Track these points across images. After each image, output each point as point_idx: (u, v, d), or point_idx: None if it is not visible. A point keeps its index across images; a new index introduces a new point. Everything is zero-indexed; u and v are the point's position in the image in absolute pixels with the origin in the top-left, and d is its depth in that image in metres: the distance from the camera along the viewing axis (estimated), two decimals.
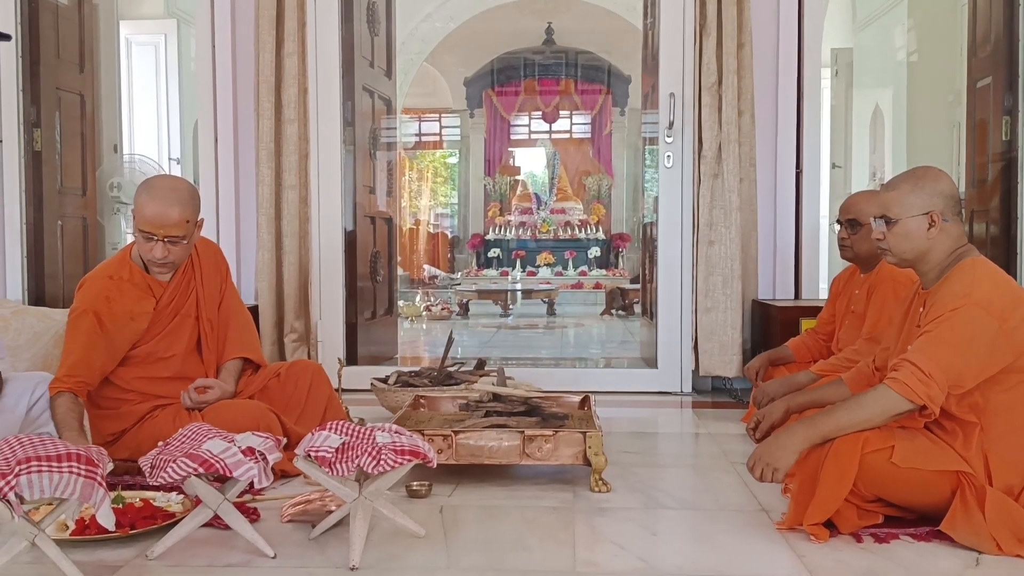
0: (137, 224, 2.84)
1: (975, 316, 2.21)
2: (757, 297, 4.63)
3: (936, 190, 2.35)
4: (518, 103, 14.29)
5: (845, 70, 8.57)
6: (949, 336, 2.21)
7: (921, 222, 2.34)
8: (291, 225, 4.66)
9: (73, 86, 5.34)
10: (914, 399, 2.19)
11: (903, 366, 2.23)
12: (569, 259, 13.11)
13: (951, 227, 2.35)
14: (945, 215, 2.34)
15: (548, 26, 13.27)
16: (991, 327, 2.20)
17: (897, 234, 2.37)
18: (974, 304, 2.21)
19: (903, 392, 2.20)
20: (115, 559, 2.17)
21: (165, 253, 2.85)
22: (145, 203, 2.81)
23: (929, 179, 2.37)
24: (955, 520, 2.20)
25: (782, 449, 2.29)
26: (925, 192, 2.34)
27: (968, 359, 2.21)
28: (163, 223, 2.81)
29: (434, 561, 2.17)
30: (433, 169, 15.59)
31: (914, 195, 2.35)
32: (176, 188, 2.87)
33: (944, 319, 2.23)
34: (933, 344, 2.22)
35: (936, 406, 2.20)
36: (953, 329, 2.21)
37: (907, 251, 2.38)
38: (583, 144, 14.49)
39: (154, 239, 2.83)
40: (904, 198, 2.36)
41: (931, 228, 2.34)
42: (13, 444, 1.89)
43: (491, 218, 14.08)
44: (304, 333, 4.71)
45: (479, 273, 12.96)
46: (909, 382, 2.20)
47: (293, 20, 4.61)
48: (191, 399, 2.94)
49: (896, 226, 2.37)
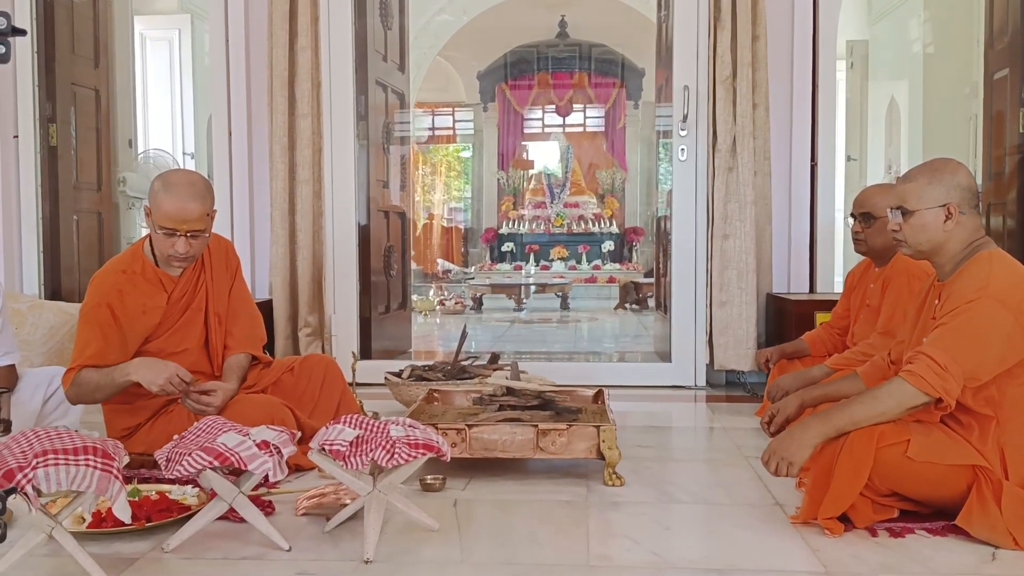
0: (157, 221, 2.82)
1: (991, 309, 2.19)
2: (771, 291, 4.62)
3: (954, 182, 2.33)
4: (531, 97, 14.26)
5: (860, 62, 8.53)
6: (965, 329, 2.20)
7: (938, 214, 2.33)
8: (305, 220, 4.66)
9: (88, 81, 5.36)
10: (930, 392, 2.18)
11: (918, 359, 2.21)
12: (583, 253, 13.09)
13: (968, 219, 2.34)
14: (962, 207, 2.32)
15: (561, 19, 13.24)
16: (1007, 320, 2.19)
17: (913, 226, 2.36)
18: (990, 297, 2.20)
19: (918, 385, 2.19)
20: (131, 552, 2.18)
21: (187, 248, 2.85)
22: (165, 200, 2.80)
23: (947, 171, 2.35)
24: (971, 514, 2.19)
25: (797, 443, 2.28)
26: (943, 184, 2.33)
27: (984, 352, 2.19)
28: (186, 218, 2.81)
29: (448, 555, 2.17)
30: (446, 163, 15.59)
31: (931, 187, 2.34)
32: (193, 183, 2.87)
33: (960, 312, 2.21)
34: (949, 337, 2.21)
35: (952, 399, 2.19)
36: (969, 322, 2.20)
37: (923, 243, 2.37)
38: (597, 138, 14.45)
39: (176, 235, 2.82)
40: (921, 190, 2.34)
41: (948, 220, 2.32)
42: (30, 437, 1.90)
43: (504, 212, 14.07)
44: (318, 327, 4.72)
45: (493, 267, 12.95)
46: (925, 375, 2.18)
47: (306, 15, 4.61)
48: (194, 404, 2.84)
49: (912, 218, 2.35)
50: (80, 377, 2.82)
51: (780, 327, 4.38)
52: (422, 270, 13.48)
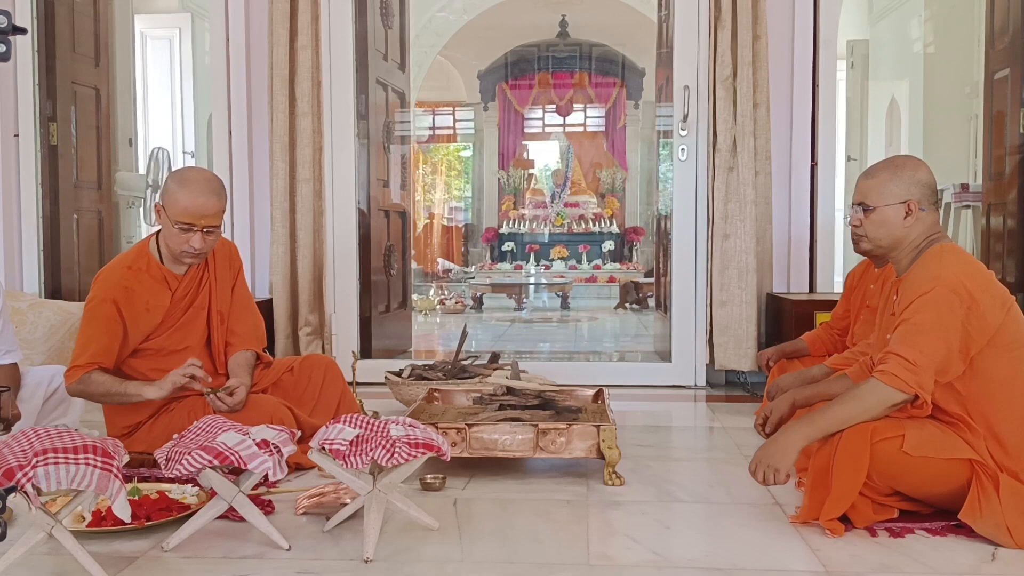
0: (174, 216, 2.83)
1: (945, 298, 2.22)
2: (772, 291, 4.62)
3: (914, 179, 2.39)
4: (532, 96, 14.26)
5: (861, 62, 8.52)
6: (926, 322, 2.22)
7: (898, 210, 2.38)
8: (305, 219, 4.66)
9: (88, 80, 5.36)
10: (905, 389, 2.20)
11: (889, 359, 2.23)
12: (583, 253, 13.10)
13: (927, 216, 2.39)
14: (922, 204, 2.38)
15: (562, 19, 13.23)
16: (961, 308, 2.22)
17: (874, 221, 2.41)
18: (943, 287, 2.23)
19: (892, 384, 2.20)
20: (131, 550, 2.18)
21: (202, 243, 2.87)
22: (184, 195, 2.82)
23: (907, 168, 2.41)
24: (975, 508, 2.20)
25: (781, 450, 2.28)
26: (903, 181, 2.39)
27: (947, 342, 2.22)
28: (204, 213, 2.83)
29: (448, 554, 2.17)
30: (447, 162, 15.59)
31: (892, 184, 2.39)
32: (210, 179, 2.91)
33: (917, 305, 2.24)
34: (912, 332, 2.23)
35: (927, 393, 2.20)
36: (928, 314, 2.22)
37: (883, 238, 2.42)
38: (597, 137, 14.45)
39: (193, 230, 2.84)
40: (883, 187, 2.40)
41: (907, 216, 2.38)
42: (30, 436, 1.90)
43: (505, 211, 14.08)
44: (318, 326, 4.72)
45: (493, 267, 12.96)
46: (897, 373, 2.20)
47: (307, 13, 4.61)
48: (221, 404, 2.83)
49: (874, 213, 2.41)
50: (90, 378, 2.83)
51: (780, 327, 4.38)
52: (422, 269, 13.48)
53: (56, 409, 3.05)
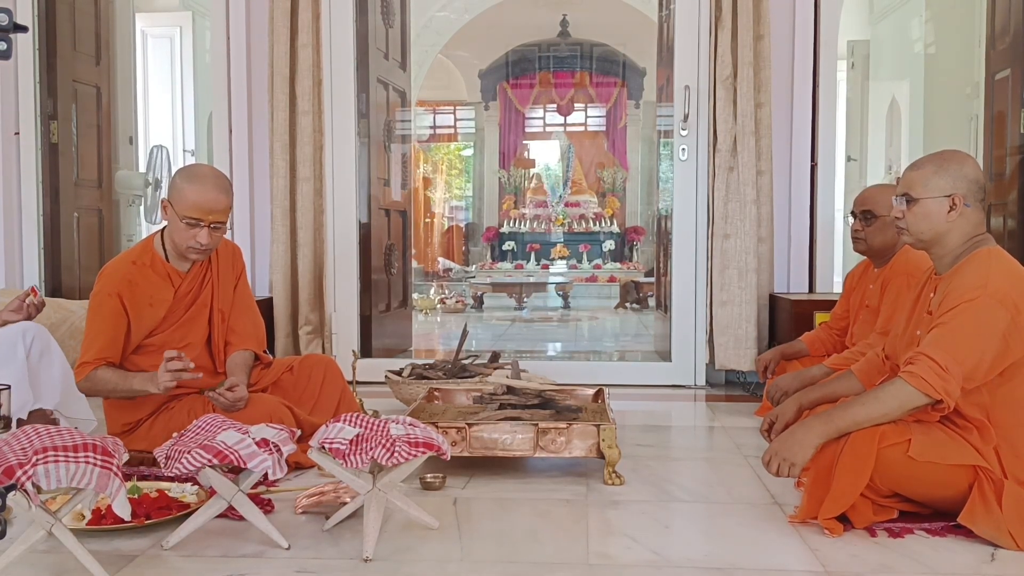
0: (181, 211, 2.85)
1: (989, 308, 2.19)
2: (772, 291, 4.62)
3: (961, 174, 2.33)
4: (533, 96, 14.26)
5: (861, 62, 8.50)
6: (965, 329, 2.19)
7: (942, 204, 2.33)
8: (305, 217, 4.66)
9: (89, 78, 5.37)
10: (931, 393, 2.18)
11: (919, 360, 2.20)
12: (583, 252, 13.10)
13: (971, 213, 2.34)
14: (967, 200, 2.32)
15: (563, 18, 13.23)
16: (1004, 319, 2.19)
17: (917, 214, 2.35)
18: (989, 296, 2.19)
19: (920, 386, 2.18)
20: (131, 549, 2.18)
21: (209, 239, 2.89)
22: (193, 191, 2.84)
23: (955, 162, 2.35)
24: (974, 512, 2.19)
25: (798, 444, 2.27)
26: (949, 175, 2.33)
27: (983, 352, 2.19)
28: (213, 209, 2.85)
29: (448, 553, 2.17)
30: (448, 162, 15.59)
31: (938, 176, 2.34)
32: (218, 176, 2.94)
33: (959, 311, 2.21)
34: (948, 337, 2.20)
35: (952, 400, 2.19)
36: (969, 322, 2.19)
37: (925, 231, 2.36)
38: (598, 137, 14.45)
39: (200, 224, 2.86)
40: (928, 178, 2.34)
41: (952, 211, 2.32)
42: (30, 434, 1.90)
43: (506, 211, 14.08)
44: (318, 325, 4.72)
45: (493, 266, 12.97)
46: (926, 376, 2.18)
47: (307, 11, 4.61)
48: (224, 401, 2.84)
49: (917, 206, 2.35)
50: (96, 375, 2.87)
51: (780, 327, 4.38)
52: (423, 268, 13.48)
53: (40, 360, 3.11)
